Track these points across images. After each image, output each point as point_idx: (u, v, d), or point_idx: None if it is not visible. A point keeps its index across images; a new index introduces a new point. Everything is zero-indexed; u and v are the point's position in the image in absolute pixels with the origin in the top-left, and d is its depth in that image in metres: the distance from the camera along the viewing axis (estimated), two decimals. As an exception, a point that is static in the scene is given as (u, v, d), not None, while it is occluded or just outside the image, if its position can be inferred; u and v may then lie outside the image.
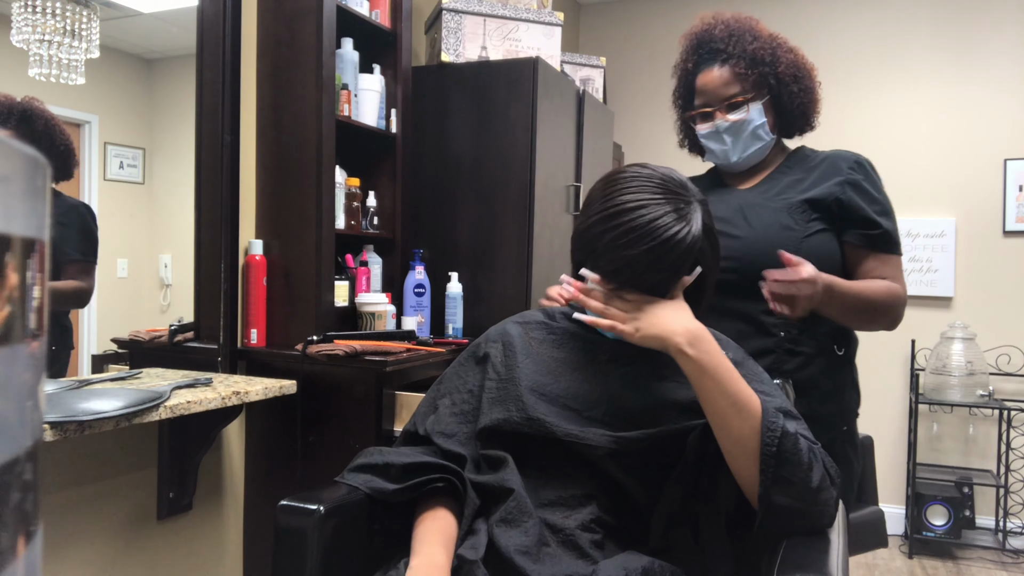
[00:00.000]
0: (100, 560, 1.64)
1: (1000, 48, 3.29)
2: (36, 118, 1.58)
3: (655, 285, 1.05)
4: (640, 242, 1.02)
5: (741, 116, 1.47)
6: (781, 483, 0.97)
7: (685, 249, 1.03)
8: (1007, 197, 3.27)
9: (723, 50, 1.47)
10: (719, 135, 1.49)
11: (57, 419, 1.23)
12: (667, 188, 1.06)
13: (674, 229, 1.02)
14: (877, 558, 3.11)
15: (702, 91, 1.50)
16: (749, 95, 1.47)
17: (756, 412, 0.99)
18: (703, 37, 1.51)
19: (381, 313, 2.07)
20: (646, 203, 1.04)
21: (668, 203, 1.04)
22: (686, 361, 1.01)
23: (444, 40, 2.39)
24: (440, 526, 1.06)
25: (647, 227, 1.02)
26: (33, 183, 0.28)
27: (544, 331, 1.23)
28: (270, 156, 1.98)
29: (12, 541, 0.27)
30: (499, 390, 1.15)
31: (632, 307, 1.05)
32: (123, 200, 1.79)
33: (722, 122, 1.48)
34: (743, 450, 0.99)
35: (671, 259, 1.03)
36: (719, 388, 1.00)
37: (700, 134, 1.52)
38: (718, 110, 1.48)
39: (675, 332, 1.02)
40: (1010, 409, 3.09)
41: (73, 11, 1.62)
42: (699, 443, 1.05)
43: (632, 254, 1.03)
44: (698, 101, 1.51)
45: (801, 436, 1.01)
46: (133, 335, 1.85)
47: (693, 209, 1.05)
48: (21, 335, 0.28)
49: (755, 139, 1.49)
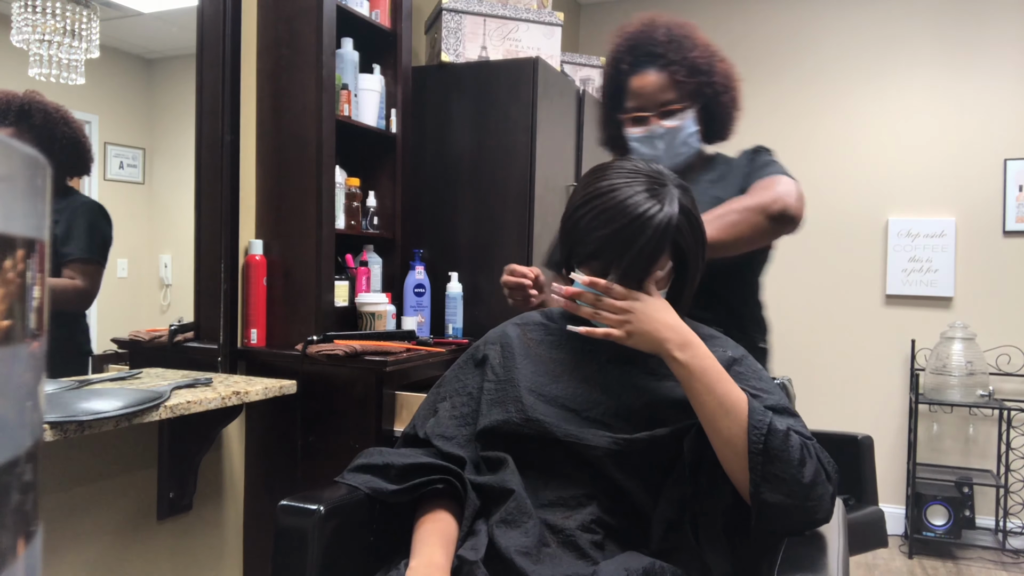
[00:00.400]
0: (100, 560, 1.64)
1: (1000, 48, 3.29)
2: (35, 112, 1.56)
3: (631, 267, 1.05)
4: (612, 221, 1.04)
5: (676, 123, 1.47)
6: (772, 480, 0.97)
7: (657, 227, 1.03)
8: (1007, 197, 3.27)
9: (662, 55, 1.46)
10: (652, 140, 1.48)
11: (57, 419, 1.23)
12: (644, 173, 1.08)
13: (645, 206, 1.04)
14: (877, 558, 3.11)
15: (637, 94, 1.48)
16: (685, 103, 1.46)
17: (743, 412, 1.00)
18: (641, 39, 1.49)
19: (381, 313, 2.07)
20: (621, 186, 1.07)
21: (642, 185, 1.06)
22: (677, 366, 1.03)
23: (444, 40, 2.39)
24: (440, 527, 1.06)
25: (619, 206, 1.05)
26: (33, 183, 0.28)
27: (542, 332, 1.23)
28: (270, 156, 1.98)
29: (12, 541, 0.27)
30: (498, 391, 1.15)
31: (622, 309, 1.05)
32: (123, 200, 1.79)
33: (657, 127, 1.47)
34: (733, 450, 0.99)
35: (644, 238, 1.03)
36: (707, 390, 1.01)
37: (632, 137, 1.50)
38: (653, 116, 1.47)
39: (667, 339, 1.03)
40: (1010, 409, 3.09)
41: (73, 11, 1.61)
42: (697, 443, 1.05)
43: (605, 233, 1.05)
44: (632, 103, 1.49)
45: (794, 432, 1.00)
46: (133, 335, 1.85)
47: (669, 191, 1.07)
48: (21, 335, 0.28)
49: (685, 147, 1.49)
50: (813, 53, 3.57)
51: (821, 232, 3.53)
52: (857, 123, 3.50)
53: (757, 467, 0.97)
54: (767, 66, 3.63)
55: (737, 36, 3.68)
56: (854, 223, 3.48)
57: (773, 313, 3.75)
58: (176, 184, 1.92)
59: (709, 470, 1.06)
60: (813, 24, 3.57)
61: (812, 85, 3.57)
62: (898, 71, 3.44)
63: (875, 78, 3.47)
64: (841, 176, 3.52)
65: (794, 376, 3.57)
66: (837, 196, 3.51)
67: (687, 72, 1.45)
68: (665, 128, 1.46)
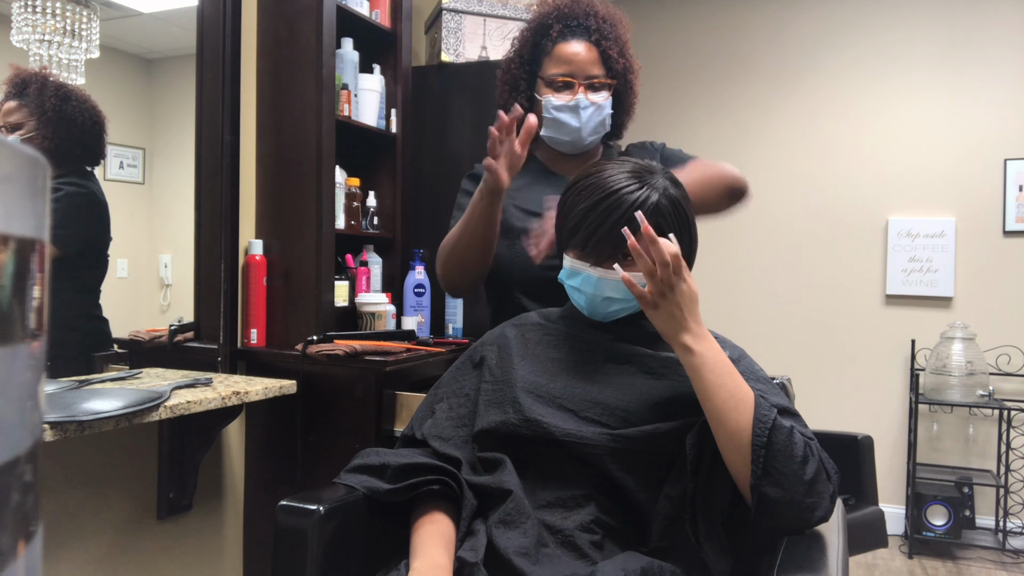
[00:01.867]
0: (100, 560, 1.64)
1: (1000, 48, 3.29)
2: (53, 90, 1.56)
3: (605, 240, 1.09)
4: (592, 195, 1.11)
5: (603, 98, 1.48)
6: (773, 474, 0.97)
7: (634, 203, 1.08)
8: (1007, 197, 3.27)
9: (596, 29, 1.47)
10: (577, 110, 1.47)
11: (57, 419, 1.23)
12: (634, 162, 1.15)
13: (625, 183, 1.10)
14: (877, 558, 3.11)
15: (567, 60, 1.47)
16: (611, 81, 1.48)
17: (751, 406, 1.00)
18: (575, 10, 1.50)
19: (381, 313, 2.07)
20: (607, 168, 1.14)
21: (629, 169, 1.13)
22: (691, 356, 1.03)
23: (444, 40, 2.39)
24: (439, 529, 1.06)
25: (602, 182, 1.12)
26: (33, 183, 0.29)
27: (540, 332, 1.23)
28: (270, 156, 1.98)
29: (12, 541, 0.27)
30: (495, 392, 1.15)
31: (667, 282, 1.02)
32: (123, 200, 1.79)
33: (583, 98, 1.46)
34: (737, 443, 0.99)
35: (619, 212, 1.08)
36: (719, 382, 1.01)
37: (554, 104, 1.48)
38: (582, 86, 1.47)
39: (689, 328, 1.04)
40: (1010, 409, 3.09)
41: (73, 11, 1.61)
42: (697, 440, 1.05)
43: (585, 206, 1.11)
44: (560, 70, 1.47)
45: (797, 431, 1.01)
46: (133, 335, 1.85)
47: (654, 177, 1.13)
48: (21, 335, 0.28)
49: (602, 126, 1.50)
50: (813, 53, 3.57)
51: (821, 232, 3.53)
52: (857, 123, 3.50)
53: (760, 460, 0.97)
54: (767, 66, 3.63)
55: (736, 35, 3.68)
56: (854, 223, 3.48)
57: (773, 313, 3.72)
58: (176, 184, 1.92)
59: (709, 466, 1.06)
60: (813, 24, 3.57)
61: (812, 85, 3.57)
62: (898, 71, 3.44)
63: (875, 78, 3.47)
64: (841, 176, 3.52)
65: (794, 376, 3.56)
66: (837, 196, 3.51)
67: (619, 51, 1.47)
68: (590, 101, 1.47)
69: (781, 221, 3.60)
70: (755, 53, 3.65)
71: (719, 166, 1.48)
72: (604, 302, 1.14)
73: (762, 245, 3.63)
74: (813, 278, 3.55)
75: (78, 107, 1.60)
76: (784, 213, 3.60)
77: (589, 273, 1.13)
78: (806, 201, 3.57)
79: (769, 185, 3.62)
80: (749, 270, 3.63)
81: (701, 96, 3.70)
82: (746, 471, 0.99)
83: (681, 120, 3.71)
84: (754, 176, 4.07)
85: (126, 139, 1.78)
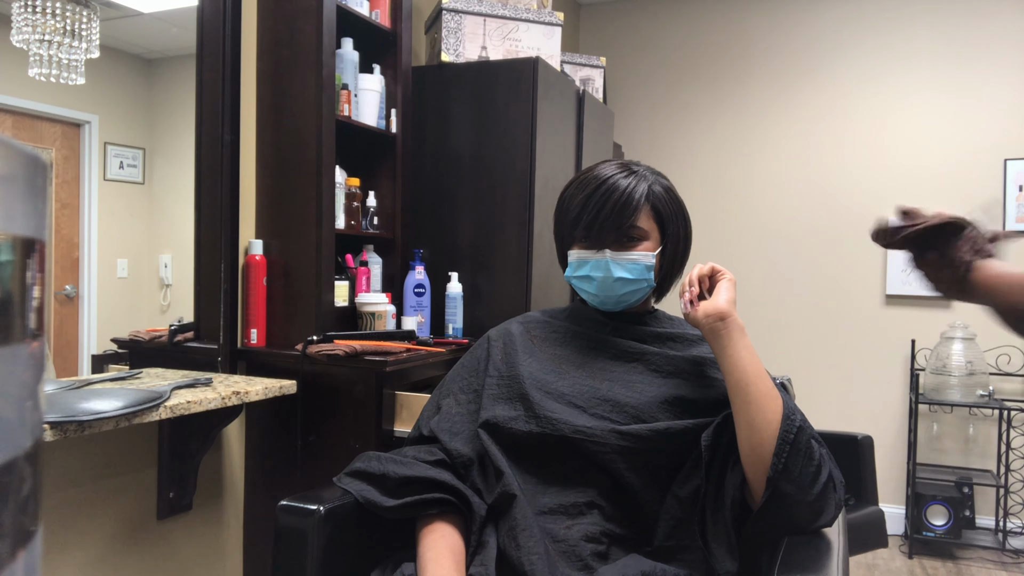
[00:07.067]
0: (100, 560, 1.64)
1: (1000, 48, 3.29)
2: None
3: (605, 225, 1.14)
4: (587, 187, 1.17)
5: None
6: (791, 469, 0.99)
7: (626, 188, 1.14)
8: (1007, 197, 3.27)
9: None
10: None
11: (57, 419, 1.23)
12: (620, 160, 1.22)
13: (616, 173, 1.17)
14: (877, 558, 3.11)
15: None
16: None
17: (780, 401, 1.02)
18: None
19: (381, 313, 2.06)
20: (599, 165, 1.21)
21: (618, 163, 1.20)
22: (740, 338, 1.05)
23: (444, 40, 2.39)
24: (448, 543, 1.05)
25: (595, 176, 1.18)
26: (33, 183, 0.28)
27: (546, 329, 1.23)
28: (270, 156, 1.98)
29: (12, 541, 0.27)
30: (500, 387, 1.15)
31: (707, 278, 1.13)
32: (123, 200, 1.79)
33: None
34: (760, 437, 1.00)
35: (616, 195, 1.13)
36: (758, 374, 1.03)
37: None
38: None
39: (730, 312, 1.07)
40: (1010, 409, 3.09)
41: (73, 11, 1.61)
42: (712, 440, 1.05)
43: (581, 198, 1.17)
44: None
45: (814, 439, 1.03)
46: (133, 335, 1.84)
47: (643, 172, 1.19)
48: (21, 335, 0.28)
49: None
50: (812, 54, 3.57)
51: (821, 232, 3.53)
52: (857, 123, 3.50)
53: (783, 455, 0.99)
54: (767, 66, 3.63)
55: (736, 35, 3.68)
56: (854, 223, 3.48)
57: (773, 313, 3.73)
58: (176, 184, 1.92)
59: (719, 467, 1.06)
60: (812, 24, 3.57)
61: (813, 85, 3.57)
62: (899, 71, 3.44)
63: (875, 78, 3.47)
64: (841, 176, 3.52)
65: (794, 376, 3.57)
66: (837, 196, 3.51)
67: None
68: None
69: (781, 221, 3.60)
70: (755, 53, 3.65)
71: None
72: (616, 283, 1.15)
73: (762, 245, 3.63)
74: (813, 278, 3.55)
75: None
76: (784, 213, 3.60)
77: (598, 258, 1.14)
78: (806, 201, 3.57)
79: (769, 185, 3.62)
80: (749, 270, 3.63)
81: (702, 96, 3.70)
82: (763, 467, 1.00)
83: (682, 120, 3.71)
84: (754, 176, 4.07)
85: (126, 139, 1.78)
